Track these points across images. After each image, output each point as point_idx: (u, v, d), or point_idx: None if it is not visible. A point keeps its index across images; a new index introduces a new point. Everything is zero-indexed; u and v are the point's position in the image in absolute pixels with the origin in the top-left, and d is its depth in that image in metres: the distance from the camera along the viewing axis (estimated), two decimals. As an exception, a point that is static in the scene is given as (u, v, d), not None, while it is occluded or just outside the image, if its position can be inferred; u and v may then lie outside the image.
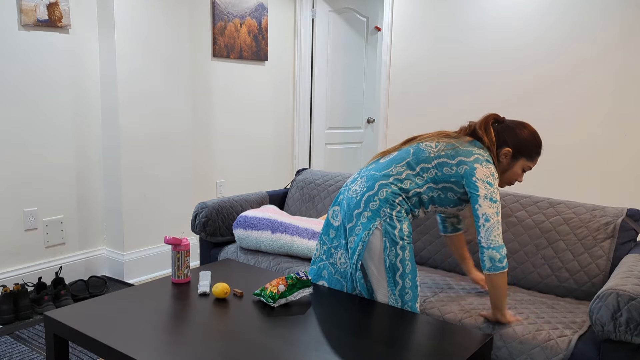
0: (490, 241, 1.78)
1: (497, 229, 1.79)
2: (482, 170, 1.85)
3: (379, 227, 1.89)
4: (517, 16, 3.38)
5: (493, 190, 1.83)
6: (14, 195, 3.01)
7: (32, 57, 3.01)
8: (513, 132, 1.94)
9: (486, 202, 1.81)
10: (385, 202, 1.89)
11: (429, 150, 1.93)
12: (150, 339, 1.54)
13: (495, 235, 1.78)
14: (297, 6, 4.39)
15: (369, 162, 2.07)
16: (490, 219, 1.80)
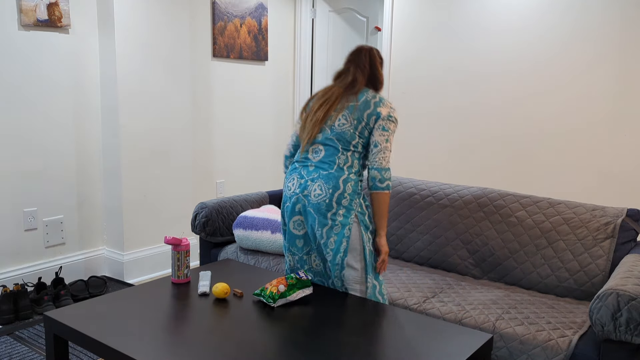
0: (376, 164, 1.96)
1: (386, 154, 1.97)
2: (384, 109, 2.00)
3: (355, 219, 1.96)
4: (517, 16, 3.38)
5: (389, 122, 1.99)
6: (14, 195, 3.01)
7: (32, 57, 3.01)
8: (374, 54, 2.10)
9: (381, 134, 1.98)
10: (354, 194, 1.97)
11: (346, 129, 2.01)
12: (150, 339, 1.54)
13: (384, 159, 1.97)
14: (297, 6, 4.39)
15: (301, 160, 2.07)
16: (381, 146, 1.97)
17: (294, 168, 2.07)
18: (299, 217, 2.03)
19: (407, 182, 2.79)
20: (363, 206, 1.99)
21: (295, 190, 2.01)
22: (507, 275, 2.37)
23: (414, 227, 2.65)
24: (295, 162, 2.08)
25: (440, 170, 3.84)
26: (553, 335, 1.81)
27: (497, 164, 3.57)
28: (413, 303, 2.11)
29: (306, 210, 2.00)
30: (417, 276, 2.39)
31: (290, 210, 2.04)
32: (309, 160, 2.03)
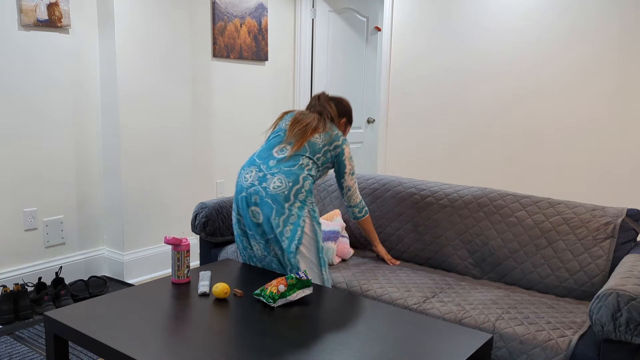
0: (351, 202, 2.44)
1: (355, 193, 2.43)
2: (347, 149, 2.37)
3: (308, 215, 2.19)
4: (517, 16, 3.38)
5: (353, 165, 2.40)
6: (14, 195, 3.01)
7: (32, 57, 3.01)
8: (342, 105, 2.48)
9: (349, 177, 2.40)
10: (309, 192, 2.21)
11: (318, 142, 2.30)
12: (150, 339, 1.54)
13: (354, 197, 2.43)
14: (297, 6, 4.39)
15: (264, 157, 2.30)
16: (352, 188, 2.42)
17: (253, 162, 2.29)
18: (255, 208, 2.20)
19: (407, 182, 2.79)
20: (314, 205, 2.25)
21: (254, 182, 2.21)
22: (507, 275, 2.37)
23: (414, 227, 2.65)
24: (255, 158, 2.31)
25: (440, 170, 3.84)
26: (553, 335, 1.81)
27: (497, 164, 3.57)
28: (413, 303, 2.11)
29: (263, 201, 2.18)
30: (417, 276, 2.40)
31: (245, 200, 2.23)
32: (272, 158, 2.26)
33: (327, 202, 2.96)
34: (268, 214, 2.16)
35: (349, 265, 2.54)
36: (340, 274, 2.41)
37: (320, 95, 2.45)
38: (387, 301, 2.16)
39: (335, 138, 2.34)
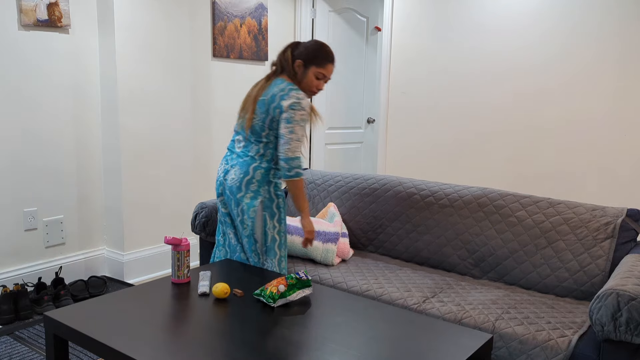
0: (280, 154, 2.15)
1: (289, 144, 2.13)
2: (286, 101, 2.14)
3: (260, 205, 2.22)
4: (518, 16, 3.38)
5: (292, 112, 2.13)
6: (14, 195, 3.01)
7: (32, 57, 3.01)
8: (303, 47, 2.25)
9: (282, 125, 2.14)
10: (262, 181, 2.22)
11: (256, 123, 2.21)
12: (150, 339, 1.54)
13: (285, 149, 2.13)
14: (297, 6, 4.39)
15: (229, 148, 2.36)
16: (283, 138, 2.14)
17: (225, 155, 2.36)
18: (222, 198, 2.34)
19: (407, 182, 2.79)
20: (272, 194, 2.24)
21: (220, 175, 2.32)
22: (507, 275, 2.37)
23: (414, 227, 2.65)
24: (227, 150, 2.36)
25: (440, 170, 3.84)
26: (553, 335, 1.81)
27: (497, 164, 3.57)
28: (413, 303, 2.11)
29: (225, 192, 2.30)
30: (416, 276, 2.40)
31: (217, 191, 2.36)
32: (234, 150, 2.32)
33: (327, 202, 2.96)
34: (229, 203, 2.29)
35: (349, 265, 2.54)
36: (340, 274, 2.41)
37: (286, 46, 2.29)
38: (387, 301, 2.16)
39: (271, 101, 2.17)
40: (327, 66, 2.24)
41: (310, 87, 2.25)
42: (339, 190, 2.95)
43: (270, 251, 2.26)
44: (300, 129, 2.14)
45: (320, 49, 2.23)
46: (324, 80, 2.26)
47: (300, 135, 2.14)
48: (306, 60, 2.22)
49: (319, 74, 2.23)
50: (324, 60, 2.23)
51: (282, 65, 2.25)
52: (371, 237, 2.78)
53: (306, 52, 2.22)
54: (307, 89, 2.26)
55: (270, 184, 2.24)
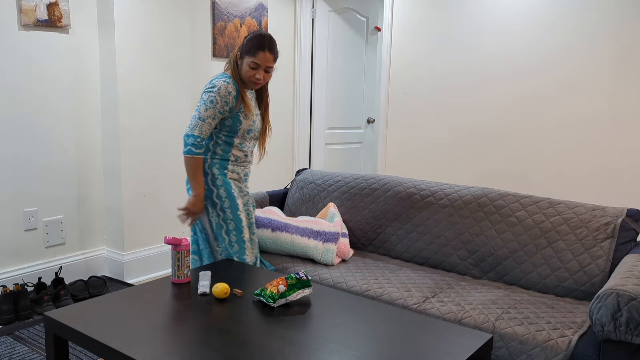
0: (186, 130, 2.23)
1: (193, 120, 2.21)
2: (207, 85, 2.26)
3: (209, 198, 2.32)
4: (518, 16, 3.38)
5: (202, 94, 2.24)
6: (14, 195, 3.01)
7: (32, 57, 3.01)
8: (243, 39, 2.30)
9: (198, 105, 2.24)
10: (205, 174, 2.31)
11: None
12: (150, 339, 1.54)
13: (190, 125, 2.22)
14: (297, 6, 4.39)
15: None
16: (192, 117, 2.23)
17: None
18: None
19: (407, 182, 2.79)
20: (210, 184, 2.31)
21: None
22: (507, 275, 2.37)
23: (414, 227, 2.65)
24: None
25: (440, 170, 3.84)
26: (553, 335, 1.81)
27: (497, 163, 3.57)
28: (413, 303, 2.11)
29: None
30: (416, 276, 2.40)
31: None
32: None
33: (327, 202, 2.96)
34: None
35: (349, 265, 2.54)
36: (340, 274, 2.41)
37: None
38: (387, 301, 2.16)
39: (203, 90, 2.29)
40: (257, 54, 2.23)
41: (247, 77, 2.28)
42: (339, 190, 2.95)
43: (218, 237, 2.34)
44: (205, 108, 2.20)
45: (253, 38, 2.25)
46: (260, 69, 2.26)
47: (203, 114, 2.20)
48: (241, 52, 2.28)
49: (252, 63, 2.24)
50: (255, 49, 2.23)
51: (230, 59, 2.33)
52: (371, 237, 2.78)
53: (242, 43, 2.28)
54: (246, 80, 2.30)
55: (207, 175, 2.30)
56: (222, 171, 2.32)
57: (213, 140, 2.31)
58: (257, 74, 2.26)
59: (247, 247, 2.37)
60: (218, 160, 2.32)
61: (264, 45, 2.24)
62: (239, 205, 2.34)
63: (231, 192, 2.32)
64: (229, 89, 2.24)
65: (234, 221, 2.33)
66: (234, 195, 2.33)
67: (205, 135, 2.23)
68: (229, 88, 2.24)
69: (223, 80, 2.24)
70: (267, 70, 2.28)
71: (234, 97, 2.26)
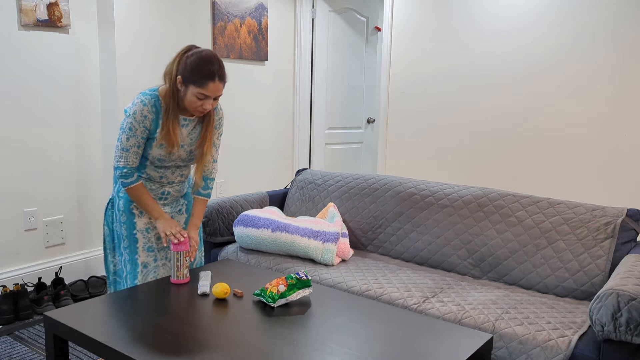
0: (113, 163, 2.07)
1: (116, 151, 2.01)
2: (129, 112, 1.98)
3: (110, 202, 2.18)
4: (518, 16, 3.38)
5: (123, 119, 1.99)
6: (14, 195, 3.01)
7: (32, 58, 3.01)
8: (184, 60, 1.94)
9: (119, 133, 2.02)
10: (114, 180, 2.17)
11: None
12: (150, 339, 1.54)
13: (114, 157, 2.02)
14: (297, 6, 4.39)
15: None
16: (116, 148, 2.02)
17: None
18: None
19: (407, 182, 2.79)
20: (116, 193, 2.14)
21: None
22: (507, 275, 2.37)
23: (414, 227, 2.65)
24: None
25: (440, 170, 3.84)
26: (553, 335, 1.81)
27: (497, 164, 3.57)
28: (413, 303, 2.11)
29: None
30: (416, 276, 2.40)
31: None
32: None
33: (327, 202, 2.96)
34: None
35: (349, 265, 2.54)
36: (340, 274, 2.41)
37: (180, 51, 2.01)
38: (387, 301, 2.16)
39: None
40: (207, 86, 1.91)
41: (192, 107, 1.97)
42: (339, 190, 2.95)
43: (117, 249, 2.17)
44: (126, 137, 1.97)
45: (200, 66, 1.90)
46: (209, 99, 1.96)
47: (126, 144, 1.97)
48: (184, 78, 1.92)
49: (199, 94, 1.93)
50: (204, 79, 1.90)
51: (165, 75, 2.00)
52: (371, 237, 2.78)
53: (185, 68, 1.92)
54: (190, 108, 1.98)
55: (116, 183, 2.16)
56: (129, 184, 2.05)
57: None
58: (205, 104, 1.95)
59: (140, 272, 2.10)
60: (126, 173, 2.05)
61: (214, 75, 1.92)
62: (137, 224, 2.09)
63: (129, 207, 2.08)
64: (144, 112, 1.95)
65: (127, 239, 2.10)
66: (132, 213, 2.09)
67: (133, 164, 2.00)
68: (144, 112, 1.95)
69: (140, 101, 1.95)
70: (216, 98, 1.98)
71: (151, 121, 1.98)
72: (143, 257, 2.11)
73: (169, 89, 1.98)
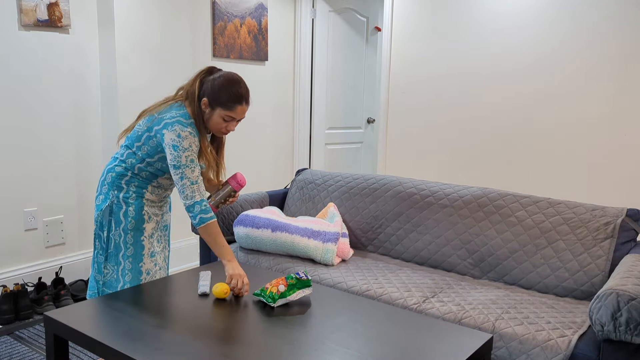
0: (185, 202, 1.93)
1: (187, 189, 1.91)
2: (168, 134, 1.91)
3: (107, 208, 2.03)
4: (517, 15, 3.38)
5: (177, 154, 1.91)
6: (14, 195, 3.01)
7: (32, 58, 3.01)
8: (211, 82, 1.96)
9: (172, 170, 1.93)
10: (112, 185, 2.04)
11: (138, 129, 2.02)
12: (150, 339, 1.54)
13: (186, 196, 1.92)
14: (297, 6, 4.39)
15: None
16: (177, 184, 1.92)
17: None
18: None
19: (407, 182, 2.79)
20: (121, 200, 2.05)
21: None
22: (507, 275, 2.37)
23: (414, 227, 2.65)
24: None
25: (440, 170, 3.84)
26: (552, 335, 1.81)
27: (497, 164, 3.57)
28: (412, 303, 2.11)
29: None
30: (416, 276, 2.40)
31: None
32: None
33: (327, 202, 2.96)
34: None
35: (349, 265, 2.54)
36: (340, 274, 2.41)
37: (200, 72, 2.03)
38: (387, 301, 2.16)
39: (157, 122, 1.96)
40: (235, 109, 1.95)
41: (217, 129, 2.00)
42: (339, 190, 2.95)
43: (111, 258, 2.04)
44: (191, 170, 1.92)
45: (228, 89, 1.94)
46: (235, 121, 2.00)
47: (193, 177, 1.93)
48: (212, 100, 1.95)
49: (227, 117, 1.96)
50: (232, 103, 1.94)
51: (188, 96, 2.00)
52: (371, 237, 2.78)
53: (212, 90, 1.95)
54: (215, 130, 2.01)
55: (121, 190, 2.03)
56: (139, 190, 2.05)
57: (141, 163, 2.02)
58: (230, 126, 2.00)
59: (143, 280, 2.08)
60: (139, 179, 2.05)
61: (242, 98, 1.95)
62: (145, 230, 2.08)
63: (141, 213, 2.05)
64: (196, 142, 1.95)
65: (133, 247, 2.05)
66: (143, 218, 2.06)
67: (205, 195, 1.97)
68: (196, 141, 1.95)
69: (189, 133, 1.93)
70: (239, 120, 2.01)
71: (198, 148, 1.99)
72: (147, 264, 2.09)
73: (194, 110, 1.98)
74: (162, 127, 1.94)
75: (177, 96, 2.03)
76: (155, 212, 2.12)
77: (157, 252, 2.15)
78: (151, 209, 2.09)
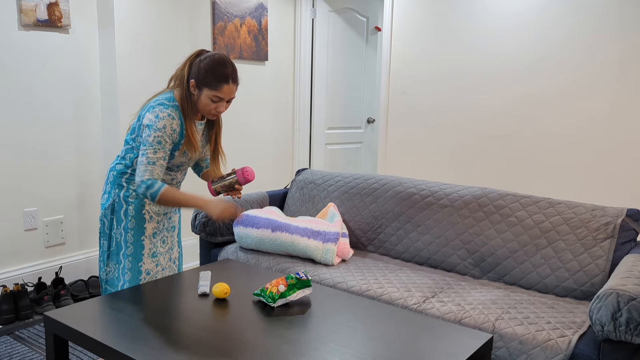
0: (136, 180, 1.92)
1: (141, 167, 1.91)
2: (148, 115, 1.94)
3: (110, 207, 2.06)
4: (517, 15, 3.38)
5: (148, 132, 1.92)
6: (14, 195, 3.01)
7: (32, 58, 3.01)
8: (197, 64, 1.96)
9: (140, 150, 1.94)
10: (113, 184, 2.06)
11: (134, 123, 2.04)
12: (150, 339, 1.54)
13: (138, 173, 1.92)
14: (297, 6, 4.39)
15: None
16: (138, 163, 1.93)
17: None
18: None
19: (407, 182, 2.79)
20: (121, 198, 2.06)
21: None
22: (507, 275, 2.37)
23: (414, 227, 2.65)
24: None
25: (440, 170, 3.84)
26: (553, 335, 1.81)
27: (497, 164, 3.57)
28: (413, 303, 2.11)
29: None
30: (416, 276, 2.40)
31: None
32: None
33: (327, 202, 2.96)
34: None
35: (349, 265, 2.54)
36: (340, 274, 2.41)
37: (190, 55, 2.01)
38: (387, 301, 2.16)
39: (144, 108, 1.99)
40: (221, 88, 1.93)
41: (207, 111, 1.99)
42: (339, 190, 2.95)
43: (113, 256, 2.07)
44: (153, 151, 1.92)
45: (214, 68, 1.93)
46: (223, 102, 1.98)
47: (152, 157, 1.92)
48: (198, 81, 1.95)
49: (214, 97, 1.95)
50: (218, 82, 1.93)
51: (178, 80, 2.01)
52: (371, 237, 2.78)
53: (198, 71, 1.94)
54: (204, 112, 2.00)
55: (122, 188, 2.04)
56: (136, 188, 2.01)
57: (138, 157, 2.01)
58: (219, 107, 1.98)
59: (142, 280, 2.08)
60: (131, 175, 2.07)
61: (228, 77, 1.94)
62: (146, 230, 2.08)
63: (142, 212, 2.06)
64: (173, 125, 1.95)
65: (133, 245, 2.05)
66: (143, 217, 2.06)
67: (157, 178, 1.93)
68: (173, 125, 1.95)
69: (168, 115, 1.93)
70: (229, 100, 2.00)
71: (178, 134, 1.98)
72: (147, 264, 2.10)
73: (182, 93, 1.98)
74: (146, 111, 1.96)
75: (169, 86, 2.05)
76: (157, 211, 2.12)
77: (161, 253, 2.14)
78: (153, 208, 2.09)
